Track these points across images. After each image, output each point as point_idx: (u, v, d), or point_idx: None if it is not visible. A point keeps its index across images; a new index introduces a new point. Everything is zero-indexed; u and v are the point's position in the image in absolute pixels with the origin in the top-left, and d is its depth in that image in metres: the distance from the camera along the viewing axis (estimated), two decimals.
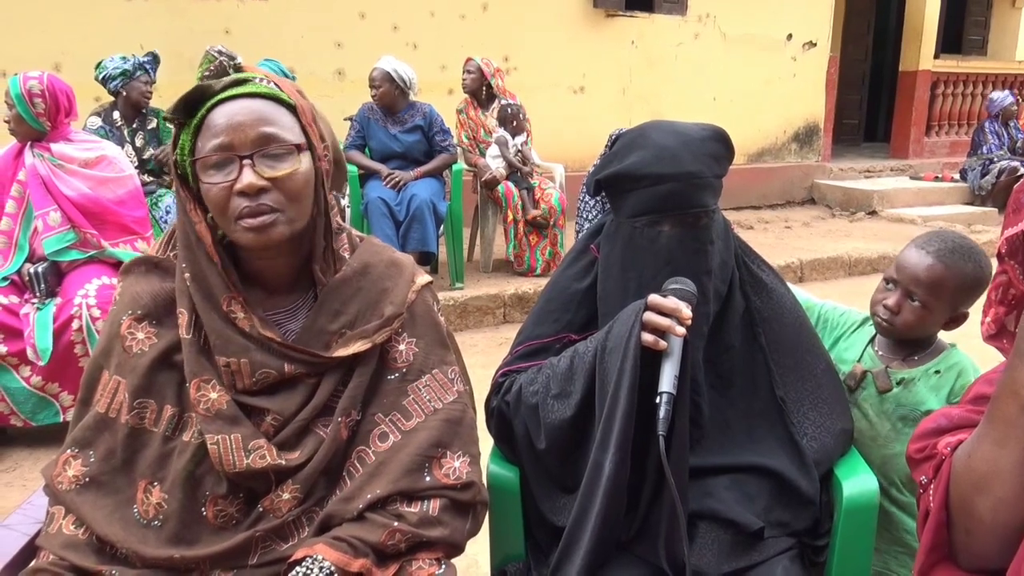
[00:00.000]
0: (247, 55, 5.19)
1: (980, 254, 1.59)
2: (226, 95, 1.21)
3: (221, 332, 1.25)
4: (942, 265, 1.55)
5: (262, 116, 1.21)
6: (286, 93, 1.25)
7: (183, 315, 1.27)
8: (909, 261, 1.59)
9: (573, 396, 1.41)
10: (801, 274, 6.01)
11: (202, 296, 1.26)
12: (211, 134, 1.20)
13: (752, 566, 1.39)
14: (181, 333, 1.27)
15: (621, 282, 1.47)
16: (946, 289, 1.56)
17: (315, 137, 1.26)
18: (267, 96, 1.23)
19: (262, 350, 1.25)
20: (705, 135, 1.45)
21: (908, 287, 1.58)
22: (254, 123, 1.20)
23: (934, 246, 1.57)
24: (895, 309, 1.59)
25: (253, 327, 1.25)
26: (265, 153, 1.19)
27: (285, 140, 1.21)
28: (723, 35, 7.86)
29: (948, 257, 1.56)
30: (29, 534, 1.35)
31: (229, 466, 1.22)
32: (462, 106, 5.60)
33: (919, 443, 1.16)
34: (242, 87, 1.22)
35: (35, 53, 5.00)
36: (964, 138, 9.63)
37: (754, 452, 1.48)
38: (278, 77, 1.28)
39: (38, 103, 3.08)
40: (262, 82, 1.25)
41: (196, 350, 1.26)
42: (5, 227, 3.16)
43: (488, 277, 5.31)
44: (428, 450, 1.28)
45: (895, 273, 1.60)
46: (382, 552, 1.21)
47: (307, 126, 1.25)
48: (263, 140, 1.20)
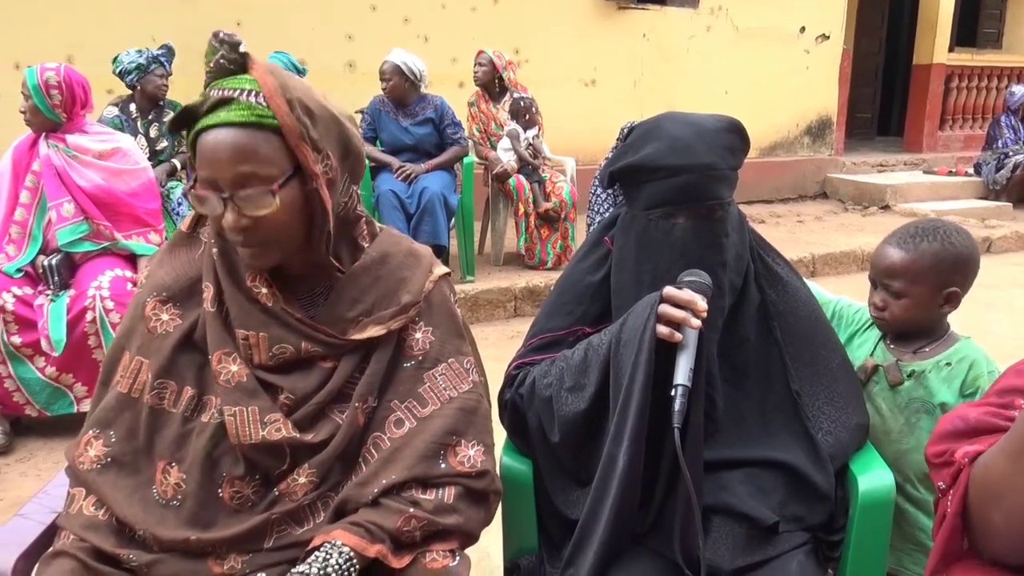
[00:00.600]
0: (258, 48, 5.18)
1: (949, 231, 1.59)
2: (208, 123, 1.16)
3: (243, 305, 1.27)
4: (903, 252, 1.59)
5: (241, 151, 1.15)
6: (273, 110, 1.16)
7: (208, 288, 1.29)
8: (876, 257, 1.64)
9: (587, 389, 1.40)
10: (813, 269, 5.98)
11: (227, 271, 1.28)
12: (200, 162, 1.19)
13: (766, 560, 1.39)
14: (206, 306, 1.29)
15: (635, 274, 1.47)
16: (916, 273, 1.58)
17: (306, 157, 1.18)
18: (249, 124, 1.15)
19: (281, 326, 1.27)
20: (720, 127, 1.44)
21: (883, 282, 1.62)
22: (232, 160, 1.15)
23: (896, 236, 1.62)
24: (882, 306, 1.63)
25: (276, 302, 1.26)
26: (244, 195, 1.17)
27: (264, 176, 1.16)
28: (735, 28, 7.82)
29: (909, 243, 1.59)
30: (45, 523, 1.36)
31: (245, 438, 1.24)
32: (473, 99, 5.58)
33: (937, 447, 1.17)
34: (225, 111, 1.15)
35: (49, 45, 5.02)
36: (979, 132, 9.56)
37: (769, 446, 1.47)
38: (271, 79, 1.18)
39: (55, 94, 3.09)
40: (250, 96, 1.16)
41: (219, 323, 1.28)
42: (19, 217, 3.18)
43: (499, 270, 5.30)
44: (443, 437, 1.28)
45: (871, 272, 1.65)
46: (398, 539, 1.22)
47: (295, 148, 1.18)
48: (240, 180, 1.16)
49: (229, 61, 1.18)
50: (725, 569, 1.37)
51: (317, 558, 1.17)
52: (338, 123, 1.25)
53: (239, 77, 1.19)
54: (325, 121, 1.22)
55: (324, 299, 1.32)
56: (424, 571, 1.22)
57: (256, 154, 1.16)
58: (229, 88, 1.17)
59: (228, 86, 1.18)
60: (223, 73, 1.19)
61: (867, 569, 1.47)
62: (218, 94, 1.17)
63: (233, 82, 1.18)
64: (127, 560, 1.23)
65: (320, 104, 1.23)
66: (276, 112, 1.15)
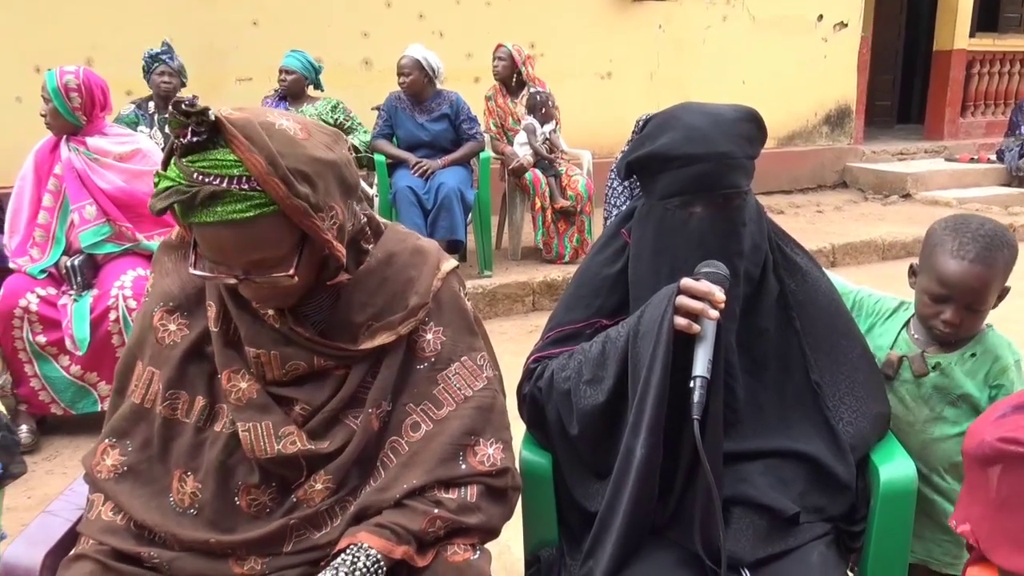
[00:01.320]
0: (275, 46, 5.24)
1: (1004, 231, 1.56)
2: (205, 220, 1.10)
3: (251, 324, 1.26)
4: (987, 268, 1.51)
5: (247, 244, 1.13)
6: (269, 195, 1.09)
7: (212, 307, 1.28)
8: (956, 276, 1.51)
9: (605, 381, 1.40)
10: (833, 259, 5.93)
11: (231, 292, 1.27)
12: (203, 249, 1.17)
13: (788, 551, 1.39)
14: (210, 326, 1.28)
15: (653, 266, 1.46)
16: (996, 285, 1.55)
17: (316, 230, 1.15)
18: (247, 219, 1.10)
19: (292, 344, 1.26)
20: (737, 116, 1.43)
21: (964, 300, 1.53)
22: (239, 252, 1.14)
23: (971, 251, 1.51)
24: (957, 323, 1.55)
25: (284, 323, 1.26)
26: (260, 278, 1.17)
27: (276, 257, 1.16)
28: (752, 17, 7.75)
29: (988, 256, 1.51)
30: (71, 520, 1.38)
31: (260, 452, 1.24)
32: (491, 93, 5.57)
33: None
34: (220, 206, 1.09)
35: (67, 47, 5.07)
36: (1001, 118, 9.42)
37: (789, 437, 1.46)
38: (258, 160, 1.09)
39: (74, 97, 3.11)
40: (242, 184, 1.09)
41: (223, 342, 1.28)
42: (42, 220, 3.22)
43: (517, 265, 5.31)
44: (461, 438, 1.28)
45: (942, 288, 1.53)
46: (422, 540, 1.23)
47: (301, 224, 1.14)
48: (251, 266, 1.16)
49: (199, 134, 1.09)
50: (746, 560, 1.36)
51: (344, 561, 1.17)
52: (332, 166, 1.18)
53: (219, 154, 1.09)
54: (322, 175, 1.15)
55: (331, 304, 1.30)
56: (446, 565, 1.23)
57: (264, 242, 1.14)
58: (214, 174, 1.09)
59: (212, 170, 1.09)
60: (197, 147, 1.10)
61: (889, 559, 1.46)
62: (203, 180, 1.08)
63: (216, 164, 1.09)
64: (148, 558, 1.25)
65: (310, 157, 1.14)
66: (274, 197, 1.10)
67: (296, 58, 4.90)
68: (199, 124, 1.08)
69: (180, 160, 1.11)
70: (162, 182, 1.12)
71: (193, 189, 1.08)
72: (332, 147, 1.20)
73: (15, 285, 3.12)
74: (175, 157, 1.12)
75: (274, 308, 1.25)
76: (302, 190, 1.11)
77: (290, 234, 1.15)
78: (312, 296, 1.28)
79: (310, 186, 1.13)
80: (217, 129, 1.10)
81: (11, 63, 5.09)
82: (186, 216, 1.12)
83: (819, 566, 1.37)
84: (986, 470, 1.19)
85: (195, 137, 1.08)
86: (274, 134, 1.12)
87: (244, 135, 1.09)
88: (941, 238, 1.56)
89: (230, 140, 1.09)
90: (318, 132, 1.20)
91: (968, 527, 1.23)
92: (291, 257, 1.17)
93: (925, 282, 1.58)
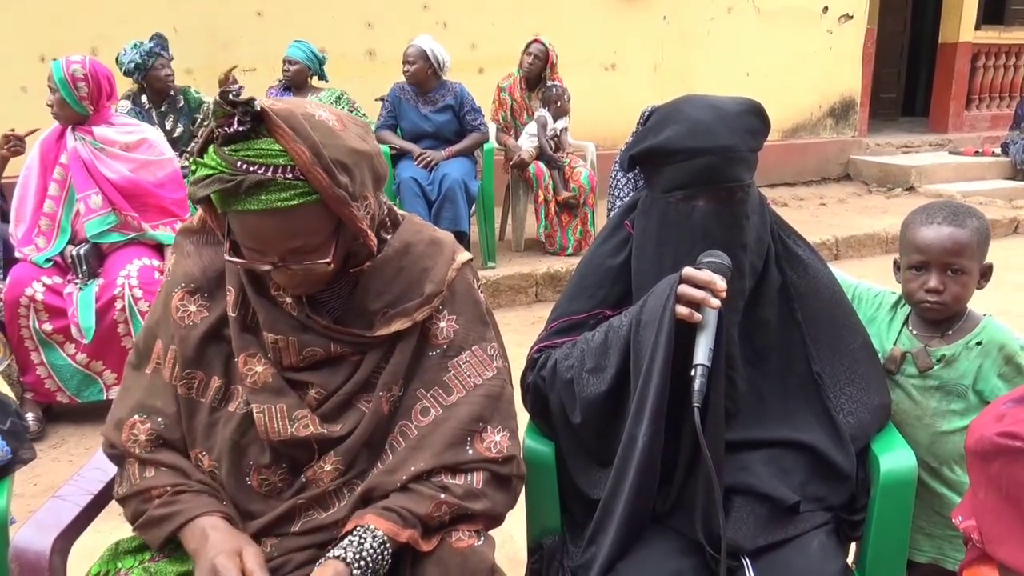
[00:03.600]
0: (279, 37, 5.24)
1: (973, 207, 1.64)
2: (250, 208, 1.12)
3: (270, 310, 1.28)
4: (960, 228, 1.56)
5: (288, 232, 1.16)
6: (313, 185, 1.12)
7: (231, 292, 1.30)
8: (929, 238, 1.58)
9: (608, 370, 1.42)
10: (837, 251, 5.93)
11: (250, 279, 1.29)
12: (242, 237, 1.19)
13: (788, 540, 1.40)
14: (228, 311, 1.30)
15: (656, 257, 1.47)
16: (973, 248, 1.57)
17: (353, 218, 1.18)
18: (290, 207, 1.12)
19: (309, 331, 1.28)
20: (741, 109, 1.43)
21: (943, 262, 1.57)
22: (280, 239, 1.16)
23: (941, 215, 1.59)
24: (940, 288, 1.57)
25: (301, 310, 1.28)
26: (297, 266, 1.19)
27: (314, 245, 1.19)
28: (757, 9, 7.73)
29: (959, 219, 1.57)
30: (81, 505, 1.40)
31: (274, 434, 1.26)
32: (506, 84, 5.45)
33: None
34: (265, 195, 1.11)
35: (72, 37, 5.08)
36: (1006, 111, 9.39)
37: (790, 427, 1.48)
38: (303, 150, 1.11)
39: (81, 87, 3.12)
40: (286, 173, 1.11)
41: (241, 327, 1.30)
42: (48, 209, 3.23)
43: (520, 256, 5.32)
44: (470, 424, 1.30)
45: (919, 255, 1.59)
46: (428, 524, 1.24)
47: (340, 213, 1.17)
48: (290, 253, 1.18)
49: (244, 123, 1.11)
50: (746, 548, 1.38)
51: (352, 542, 1.19)
52: (367, 157, 1.21)
53: (263, 144, 1.11)
54: (358, 165, 1.19)
55: (348, 291, 1.32)
56: (451, 550, 1.25)
57: (304, 230, 1.17)
58: (260, 163, 1.11)
59: (257, 159, 1.11)
60: (239, 136, 1.11)
61: (888, 548, 1.48)
62: (247, 169, 1.10)
63: (261, 154, 1.11)
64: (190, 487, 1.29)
65: (349, 148, 1.17)
66: (317, 187, 1.13)
67: (300, 48, 4.89)
68: (244, 114, 1.10)
69: (221, 149, 1.12)
70: (201, 170, 1.14)
71: (238, 177, 1.10)
72: (365, 138, 1.24)
73: (21, 274, 3.14)
74: (214, 145, 1.13)
75: (296, 296, 1.27)
76: (343, 180, 1.15)
77: (328, 222, 1.19)
78: (332, 283, 1.30)
79: (349, 176, 1.16)
80: (260, 119, 1.11)
81: (17, 53, 5.10)
82: (227, 204, 1.14)
83: (819, 555, 1.38)
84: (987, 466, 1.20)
85: (240, 126, 1.10)
86: (316, 125, 1.15)
87: (289, 126, 1.11)
88: (912, 218, 1.65)
89: (274, 130, 1.11)
90: (352, 124, 1.23)
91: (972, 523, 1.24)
92: (328, 245, 1.20)
93: (905, 260, 1.64)
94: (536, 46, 5.31)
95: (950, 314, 1.63)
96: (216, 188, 1.11)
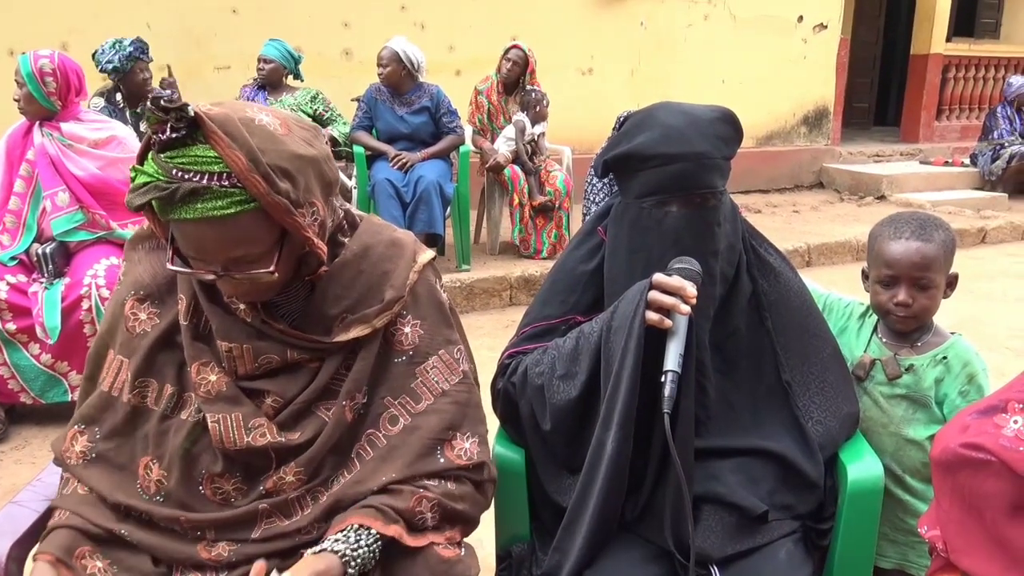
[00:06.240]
0: (254, 35, 5.20)
1: (939, 218, 1.66)
2: (186, 217, 1.09)
3: (223, 318, 1.26)
4: (926, 244, 1.59)
5: (228, 240, 1.12)
6: (250, 192, 1.09)
7: (182, 300, 1.28)
8: (898, 253, 1.59)
9: (578, 377, 1.41)
10: (809, 258, 5.98)
11: (201, 286, 1.26)
12: (183, 245, 1.15)
13: (756, 548, 1.40)
14: (180, 319, 1.28)
15: (628, 263, 1.47)
16: (940, 261, 1.60)
17: (297, 226, 1.15)
18: (228, 216, 1.09)
19: (264, 338, 1.26)
20: (714, 116, 1.44)
21: (911, 276, 1.59)
22: (220, 248, 1.13)
23: (909, 228, 1.60)
24: (909, 302, 1.60)
25: (256, 316, 1.25)
26: (240, 275, 1.16)
27: (257, 254, 1.15)
28: (733, 16, 7.79)
29: (923, 232, 1.60)
30: (39, 511, 1.37)
31: (230, 443, 1.24)
32: (484, 87, 5.40)
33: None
34: (201, 203, 1.08)
35: (42, 32, 5.00)
36: (975, 123, 9.54)
37: (759, 435, 1.48)
38: (239, 156, 1.08)
39: (49, 82, 3.06)
40: (222, 180, 1.08)
41: (193, 336, 1.27)
42: (14, 207, 3.16)
43: (495, 259, 5.31)
44: (440, 433, 1.30)
45: (888, 270, 1.61)
46: (411, 521, 1.24)
47: (282, 222, 1.13)
48: (231, 262, 1.15)
49: (177, 130, 1.07)
50: (715, 556, 1.38)
51: (347, 537, 1.19)
52: (312, 163, 1.17)
53: (199, 150, 1.08)
54: (302, 171, 1.15)
55: (304, 297, 1.30)
56: (437, 557, 1.24)
57: (244, 239, 1.13)
58: (194, 170, 1.07)
59: (192, 167, 1.08)
60: (176, 143, 1.08)
61: (855, 556, 1.48)
62: (182, 177, 1.07)
63: (195, 160, 1.08)
64: (120, 534, 1.26)
65: (291, 154, 1.13)
66: (255, 194, 1.09)
67: (275, 47, 4.85)
68: (178, 120, 1.06)
69: (158, 156, 1.09)
70: (139, 177, 1.10)
71: (172, 186, 1.07)
72: (312, 143, 1.19)
73: None
74: (152, 152, 1.10)
75: (248, 303, 1.24)
76: (283, 186, 1.11)
77: (270, 231, 1.15)
78: (286, 289, 1.27)
79: (291, 183, 1.12)
80: (196, 125, 1.08)
81: None
82: (165, 212, 1.11)
83: (786, 563, 1.39)
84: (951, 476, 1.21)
85: (174, 133, 1.07)
86: (254, 130, 1.11)
87: (224, 131, 1.08)
88: (880, 231, 1.66)
89: (210, 136, 1.08)
90: (297, 128, 1.19)
91: (936, 532, 1.25)
92: (271, 253, 1.16)
93: (874, 273, 1.65)
94: (515, 52, 5.26)
95: (919, 325, 1.65)
96: (152, 196, 1.08)
